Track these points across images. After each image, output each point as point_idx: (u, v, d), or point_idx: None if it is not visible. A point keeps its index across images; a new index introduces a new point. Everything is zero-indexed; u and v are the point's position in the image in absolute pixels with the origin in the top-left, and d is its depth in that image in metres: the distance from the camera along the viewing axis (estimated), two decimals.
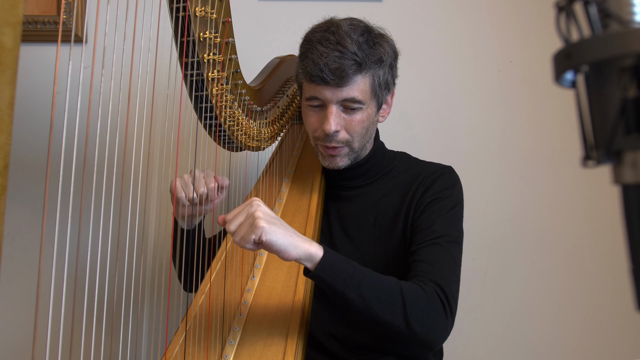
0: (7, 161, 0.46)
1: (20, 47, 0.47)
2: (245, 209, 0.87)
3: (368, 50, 1.02)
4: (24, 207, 1.54)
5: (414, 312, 0.89)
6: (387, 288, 0.90)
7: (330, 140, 1.07)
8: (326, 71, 1.00)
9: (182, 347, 0.92)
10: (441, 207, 1.06)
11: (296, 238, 0.87)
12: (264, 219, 0.85)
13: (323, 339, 1.08)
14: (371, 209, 1.13)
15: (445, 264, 0.99)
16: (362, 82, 1.03)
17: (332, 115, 1.04)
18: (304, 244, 0.87)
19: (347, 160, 1.11)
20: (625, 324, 1.52)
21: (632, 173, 0.35)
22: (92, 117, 0.67)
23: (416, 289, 0.92)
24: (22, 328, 1.53)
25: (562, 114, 1.55)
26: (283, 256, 0.86)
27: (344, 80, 1.01)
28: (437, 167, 1.15)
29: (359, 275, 0.89)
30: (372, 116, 1.09)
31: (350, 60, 1.00)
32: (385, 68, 1.06)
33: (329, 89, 1.02)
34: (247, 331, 0.94)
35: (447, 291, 0.94)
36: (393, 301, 0.89)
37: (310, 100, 1.07)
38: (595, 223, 1.56)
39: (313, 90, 1.05)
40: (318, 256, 0.87)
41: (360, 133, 1.08)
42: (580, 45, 0.35)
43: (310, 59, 1.02)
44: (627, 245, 0.36)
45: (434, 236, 1.02)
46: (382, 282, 0.91)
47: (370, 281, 0.90)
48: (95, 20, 0.87)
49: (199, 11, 0.89)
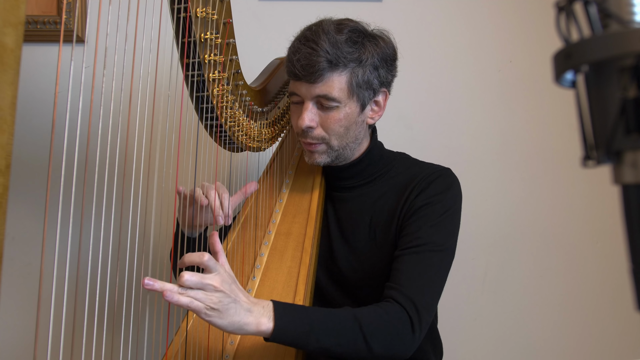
0: (9, 161, 0.46)
1: (22, 47, 0.47)
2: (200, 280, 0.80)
3: (345, 49, 1.02)
4: (25, 207, 1.54)
5: (375, 339, 0.91)
6: (345, 327, 0.90)
7: (305, 136, 1.08)
8: (298, 67, 1.03)
9: (182, 347, 0.92)
10: (431, 213, 1.06)
11: (243, 316, 0.83)
12: (204, 311, 0.80)
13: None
14: (367, 210, 1.13)
15: (424, 275, 0.99)
16: (338, 80, 1.04)
17: (306, 111, 1.06)
18: (250, 325, 0.84)
19: (326, 157, 1.11)
20: (625, 324, 1.52)
21: (632, 173, 0.35)
22: (94, 117, 0.67)
23: (374, 314, 0.93)
24: (24, 328, 1.54)
25: (562, 114, 1.56)
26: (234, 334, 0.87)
27: (314, 76, 1.02)
28: (434, 169, 1.13)
29: (313, 330, 0.88)
30: (353, 116, 1.08)
31: (321, 57, 1.01)
32: (365, 68, 1.05)
33: (303, 85, 1.05)
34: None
35: (418, 305, 0.95)
36: (353, 338, 0.90)
37: (291, 97, 1.10)
38: (595, 223, 1.56)
39: (292, 86, 1.08)
40: (269, 330, 0.85)
41: (337, 132, 1.08)
42: (580, 45, 0.35)
43: (288, 55, 1.07)
44: (627, 245, 0.36)
45: (416, 243, 1.02)
46: (334, 319, 0.91)
47: (326, 330, 0.89)
48: (96, 20, 0.87)
49: (200, 12, 0.89)
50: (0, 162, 0.45)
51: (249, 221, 1.14)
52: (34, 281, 1.53)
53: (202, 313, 0.80)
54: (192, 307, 0.79)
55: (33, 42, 1.55)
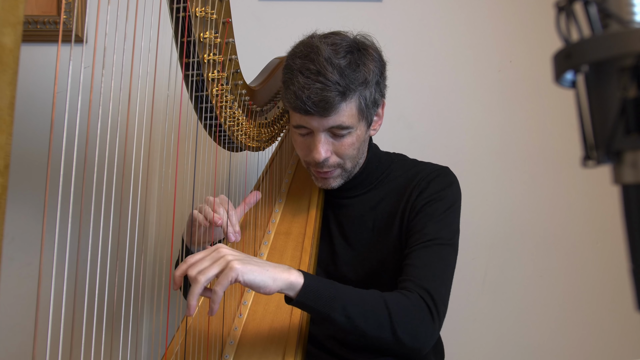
0: (8, 161, 0.46)
1: (20, 47, 0.47)
2: (210, 255, 0.83)
3: (352, 75, 0.98)
4: (24, 207, 1.54)
5: (401, 323, 0.90)
6: (372, 304, 0.90)
7: (320, 167, 1.06)
8: (309, 104, 0.97)
9: (182, 347, 0.92)
10: (434, 210, 1.06)
11: (273, 270, 0.84)
12: (236, 261, 0.81)
13: (324, 339, 1.08)
14: (369, 214, 1.13)
15: (436, 267, 0.99)
16: (348, 107, 1.00)
17: (321, 144, 1.02)
18: (282, 275, 0.84)
19: (340, 180, 1.10)
20: (625, 324, 1.52)
21: (632, 173, 0.35)
22: (93, 117, 0.67)
23: (400, 299, 0.92)
24: (23, 328, 1.53)
25: (562, 114, 1.55)
26: (264, 292, 0.83)
27: (328, 110, 0.98)
28: (432, 168, 1.14)
29: (342, 296, 0.88)
30: (363, 135, 1.07)
31: (333, 92, 0.96)
32: (371, 88, 1.02)
33: (314, 119, 1.00)
34: (247, 331, 0.94)
35: (434, 295, 0.94)
36: (379, 316, 0.89)
37: (298, 129, 1.05)
38: (595, 223, 1.56)
39: (299, 120, 1.02)
40: (299, 284, 0.85)
41: (351, 155, 1.07)
42: (580, 45, 0.35)
43: (292, 90, 0.99)
44: (627, 245, 0.36)
45: (425, 239, 1.02)
46: (365, 299, 0.90)
47: (354, 300, 0.89)
48: (95, 20, 0.87)
49: (199, 11, 0.89)
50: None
51: (248, 221, 1.14)
52: (33, 281, 1.53)
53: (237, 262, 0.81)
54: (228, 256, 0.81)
55: (33, 42, 1.55)
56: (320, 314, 0.87)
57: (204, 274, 0.80)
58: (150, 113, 0.80)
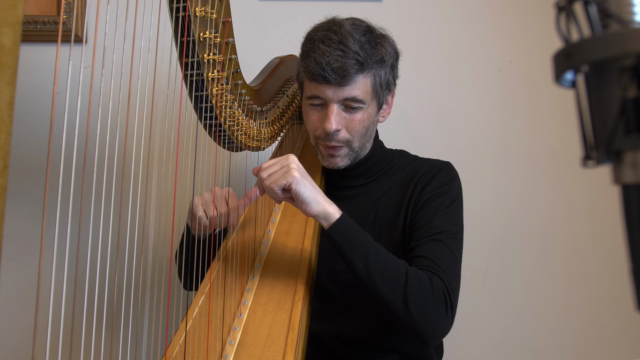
0: (7, 161, 0.46)
1: (20, 47, 0.47)
2: (280, 161, 0.94)
3: (370, 50, 1.03)
4: (24, 207, 1.54)
5: (414, 297, 0.90)
6: (393, 266, 0.92)
7: (330, 140, 1.07)
8: (328, 70, 1.00)
9: (182, 347, 0.92)
10: (440, 203, 1.07)
11: (320, 196, 0.93)
12: (297, 171, 0.92)
13: (324, 338, 1.08)
14: (371, 207, 1.13)
15: (446, 260, 0.99)
16: (364, 81, 1.04)
17: (333, 114, 1.04)
18: (325, 203, 0.93)
19: (347, 160, 1.11)
20: (625, 324, 1.52)
21: (632, 173, 0.35)
22: (92, 117, 0.66)
23: (423, 277, 0.93)
24: (22, 328, 1.53)
25: (562, 114, 1.55)
26: (305, 209, 0.92)
27: (345, 79, 1.01)
28: (435, 163, 1.15)
29: (369, 246, 0.92)
30: (373, 116, 1.09)
31: (352, 60, 1.00)
32: (386, 68, 1.07)
33: (330, 88, 1.03)
34: (247, 331, 0.94)
35: (449, 287, 0.94)
36: (395, 279, 0.90)
37: (311, 99, 1.07)
38: (595, 223, 1.56)
39: (315, 89, 1.05)
40: (334, 218, 0.92)
41: (360, 132, 1.08)
42: (580, 45, 0.35)
43: (313, 57, 1.03)
44: (627, 245, 0.36)
45: (433, 232, 1.02)
46: (389, 259, 0.93)
47: (378, 254, 0.92)
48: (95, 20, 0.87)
49: (199, 11, 0.89)
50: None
51: (248, 221, 1.14)
52: (33, 281, 1.53)
53: (297, 172, 0.91)
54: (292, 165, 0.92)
55: (32, 42, 1.54)
56: (344, 253, 0.91)
57: (274, 184, 0.92)
58: (150, 113, 0.80)
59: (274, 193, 0.93)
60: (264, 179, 0.93)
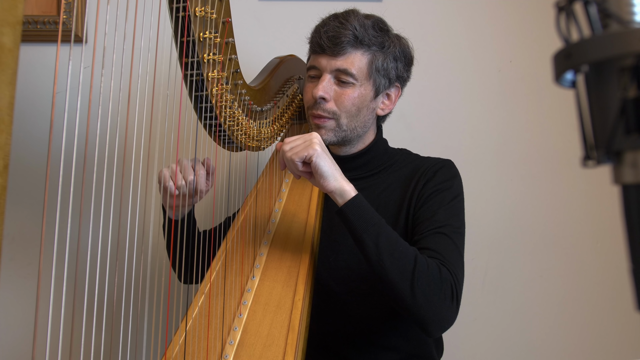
0: (7, 161, 0.46)
1: (20, 47, 0.47)
2: (304, 136, 0.97)
3: (371, 32, 1.08)
4: (24, 207, 1.54)
5: (422, 281, 0.90)
6: (403, 249, 0.93)
7: (317, 108, 1.10)
8: (324, 38, 1.06)
9: (182, 347, 0.92)
10: (442, 198, 1.07)
11: (338, 174, 0.96)
12: (319, 145, 0.95)
13: (324, 337, 1.08)
14: (372, 202, 1.13)
15: (452, 252, 0.99)
16: (359, 58, 1.07)
17: (323, 82, 1.08)
18: (342, 180, 0.96)
19: (333, 135, 1.12)
20: (625, 324, 1.52)
21: (632, 173, 0.35)
22: (92, 117, 0.66)
23: (432, 265, 0.93)
24: (22, 328, 1.53)
25: (562, 114, 1.55)
26: (323, 183, 0.95)
27: (338, 47, 1.06)
28: (437, 160, 1.17)
29: (381, 227, 0.93)
30: (366, 98, 1.10)
31: (348, 31, 1.06)
32: (387, 56, 1.10)
33: (324, 58, 1.08)
34: (247, 331, 0.94)
35: (455, 279, 0.95)
36: (404, 262, 0.91)
37: (309, 71, 1.13)
38: (595, 223, 1.56)
39: (312, 60, 1.12)
40: (350, 195, 0.94)
41: (349, 110, 1.09)
42: (580, 45, 0.35)
43: (316, 29, 1.11)
44: (627, 245, 0.36)
45: (437, 225, 1.03)
46: (400, 242, 0.94)
47: (389, 236, 0.93)
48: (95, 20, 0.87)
49: (198, 11, 0.89)
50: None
51: (248, 221, 1.14)
52: (33, 281, 1.53)
53: (319, 146, 0.94)
54: (315, 140, 0.95)
55: (32, 42, 1.54)
56: (356, 231, 0.93)
57: (295, 155, 0.95)
58: (150, 113, 0.80)
59: (294, 165, 0.95)
60: (286, 152, 0.95)
